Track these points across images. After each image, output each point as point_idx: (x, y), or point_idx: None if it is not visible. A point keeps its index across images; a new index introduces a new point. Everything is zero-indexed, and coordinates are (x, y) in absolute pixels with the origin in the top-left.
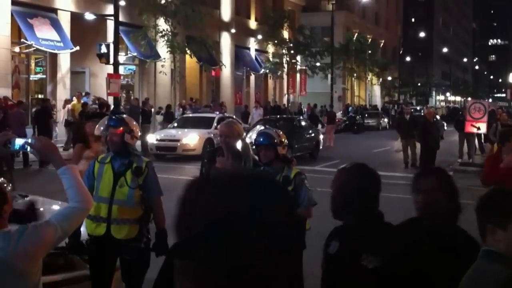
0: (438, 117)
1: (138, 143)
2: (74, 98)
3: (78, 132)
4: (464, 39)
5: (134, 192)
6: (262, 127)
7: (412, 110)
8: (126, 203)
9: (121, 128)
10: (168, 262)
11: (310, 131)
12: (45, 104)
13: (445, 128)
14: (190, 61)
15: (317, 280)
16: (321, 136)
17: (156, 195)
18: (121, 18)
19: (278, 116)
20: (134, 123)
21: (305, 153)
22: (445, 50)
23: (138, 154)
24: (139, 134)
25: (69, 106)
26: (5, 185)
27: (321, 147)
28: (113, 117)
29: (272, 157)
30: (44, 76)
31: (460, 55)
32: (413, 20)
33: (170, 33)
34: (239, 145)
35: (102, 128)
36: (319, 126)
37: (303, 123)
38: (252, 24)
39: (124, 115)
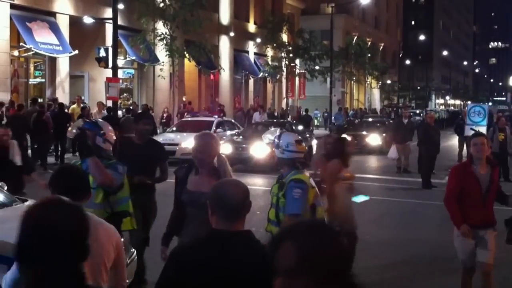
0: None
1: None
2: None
3: (335, 146)
4: (464, 43)
5: (95, 192)
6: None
7: (410, 114)
8: (87, 204)
9: (93, 132)
10: (169, 263)
11: (303, 136)
12: (61, 108)
13: None
14: (189, 65)
15: None
16: (314, 141)
17: (100, 179)
18: (119, 22)
19: (275, 121)
20: (110, 127)
21: None
22: (445, 53)
23: (111, 157)
24: (114, 138)
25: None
26: None
27: (314, 153)
28: (87, 120)
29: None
30: (43, 80)
31: (460, 59)
32: (413, 23)
33: (169, 37)
34: (215, 160)
35: (74, 130)
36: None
37: (295, 128)
38: (251, 27)
39: (99, 119)
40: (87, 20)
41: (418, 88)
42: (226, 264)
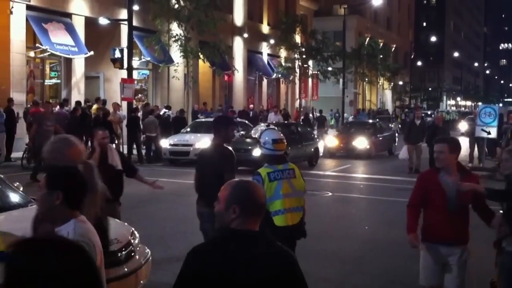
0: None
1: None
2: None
3: None
4: (475, 44)
5: None
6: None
7: (422, 115)
8: None
9: None
10: (188, 263)
11: (308, 138)
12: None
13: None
14: (203, 66)
15: (328, 284)
16: (321, 143)
17: None
18: (134, 23)
19: (286, 122)
20: None
21: (302, 161)
22: (456, 54)
23: None
24: None
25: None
26: None
27: (321, 154)
28: None
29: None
30: (58, 81)
31: (471, 60)
32: (424, 24)
33: (183, 38)
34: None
35: None
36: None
37: (301, 129)
38: (265, 28)
39: None
40: (103, 21)
41: (430, 89)
42: (246, 263)
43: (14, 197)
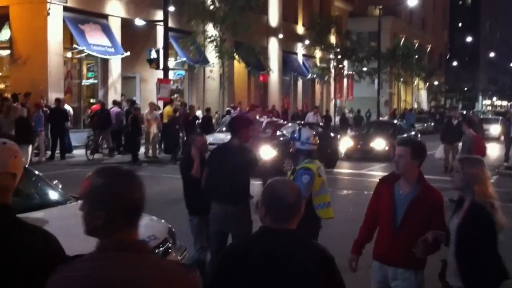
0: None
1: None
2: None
3: None
4: (511, 44)
5: None
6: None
7: (459, 116)
8: None
9: None
10: (221, 262)
11: (325, 138)
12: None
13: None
14: (238, 67)
15: (358, 282)
16: (341, 143)
17: None
18: (170, 24)
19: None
20: None
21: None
22: (492, 55)
23: None
24: None
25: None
26: None
27: (342, 155)
28: None
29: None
30: (95, 81)
31: (507, 60)
32: (460, 25)
33: (218, 39)
34: None
35: None
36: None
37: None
38: (300, 29)
39: None
40: (139, 22)
41: (465, 89)
42: (276, 261)
43: (53, 195)
